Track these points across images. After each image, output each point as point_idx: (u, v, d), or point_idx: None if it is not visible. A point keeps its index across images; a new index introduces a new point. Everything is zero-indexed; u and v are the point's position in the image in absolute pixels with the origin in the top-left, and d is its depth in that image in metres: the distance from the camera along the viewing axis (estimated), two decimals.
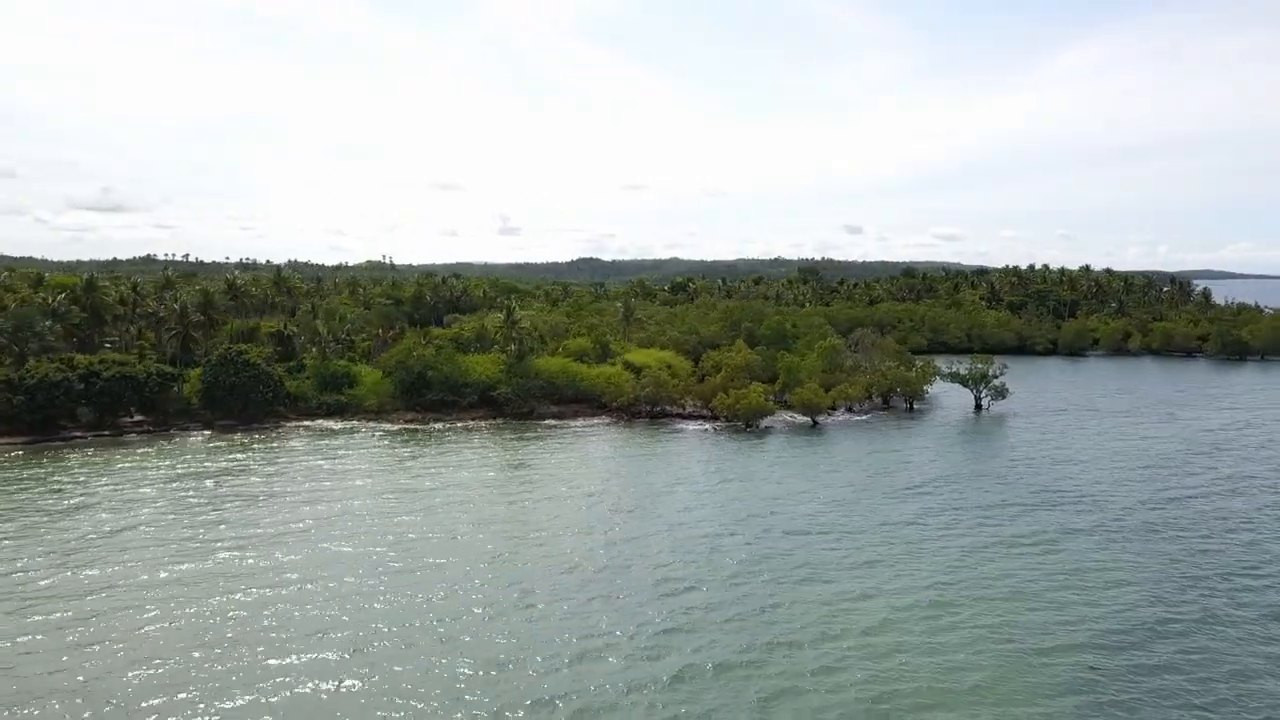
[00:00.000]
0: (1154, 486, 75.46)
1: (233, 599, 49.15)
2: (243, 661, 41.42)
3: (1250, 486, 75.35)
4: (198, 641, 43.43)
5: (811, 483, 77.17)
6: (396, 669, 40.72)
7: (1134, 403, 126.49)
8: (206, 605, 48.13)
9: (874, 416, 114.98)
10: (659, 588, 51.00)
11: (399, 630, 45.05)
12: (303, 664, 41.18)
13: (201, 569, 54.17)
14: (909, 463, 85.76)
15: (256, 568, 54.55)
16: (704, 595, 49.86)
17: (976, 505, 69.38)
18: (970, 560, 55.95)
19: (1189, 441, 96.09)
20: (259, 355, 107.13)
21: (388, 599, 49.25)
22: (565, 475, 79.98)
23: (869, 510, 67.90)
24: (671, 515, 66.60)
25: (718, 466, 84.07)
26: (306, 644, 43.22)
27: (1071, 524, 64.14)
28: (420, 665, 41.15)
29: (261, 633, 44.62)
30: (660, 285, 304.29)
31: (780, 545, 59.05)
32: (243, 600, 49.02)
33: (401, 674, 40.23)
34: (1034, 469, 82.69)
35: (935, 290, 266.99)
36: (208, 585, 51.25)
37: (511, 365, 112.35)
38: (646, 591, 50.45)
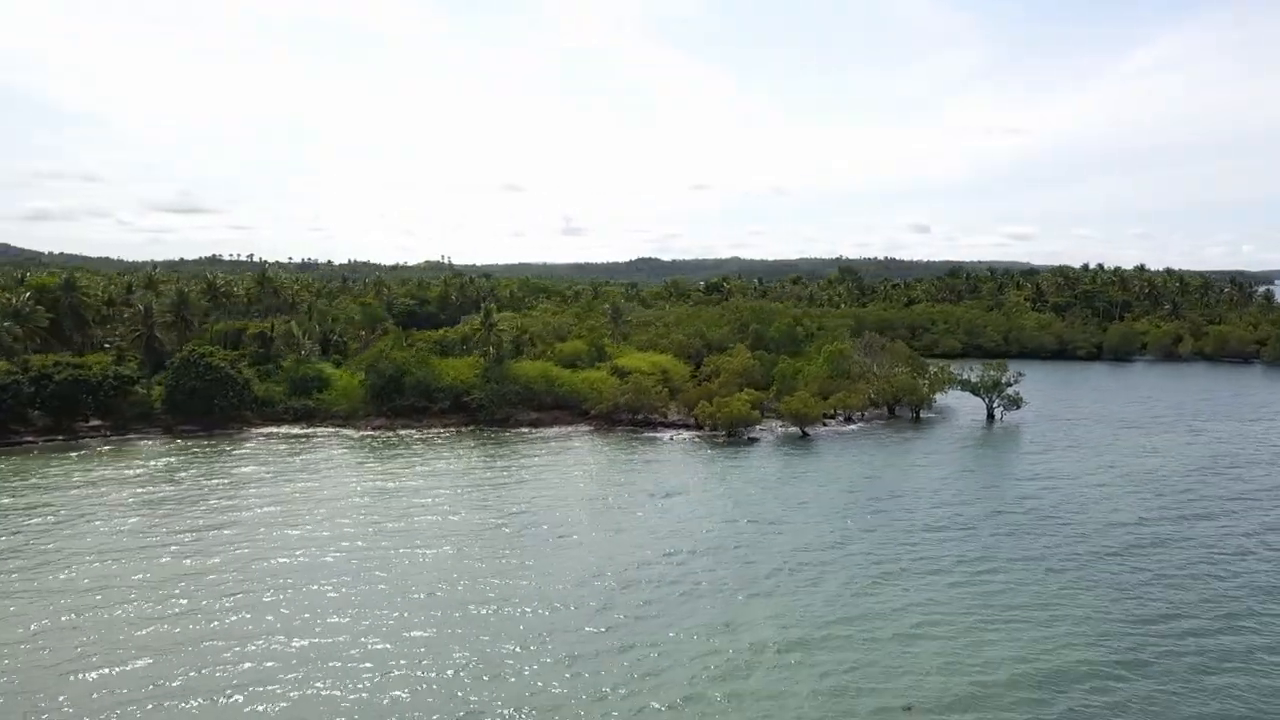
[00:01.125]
0: (1133, 513, 66.95)
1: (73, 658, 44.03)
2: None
3: (1240, 522, 66.58)
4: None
5: (763, 505, 70.08)
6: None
7: (1160, 413, 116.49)
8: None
9: (875, 426, 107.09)
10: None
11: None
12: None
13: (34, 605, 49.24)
14: (877, 478, 77.98)
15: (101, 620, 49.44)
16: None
17: (922, 526, 61.75)
18: (867, 592, 48.58)
19: (1194, 460, 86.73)
20: (224, 358, 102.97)
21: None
22: (495, 500, 73.93)
23: (795, 532, 60.70)
24: (577, 559, 60.16)
25: (681, 483, 77.23)
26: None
27: (1016, 551, 56.25)
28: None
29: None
30: (696, 285, 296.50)
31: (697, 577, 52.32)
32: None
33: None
34: (1011, 487, 74.52)
35: (979, 291, 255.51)
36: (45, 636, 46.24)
37: (488, 369, 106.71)
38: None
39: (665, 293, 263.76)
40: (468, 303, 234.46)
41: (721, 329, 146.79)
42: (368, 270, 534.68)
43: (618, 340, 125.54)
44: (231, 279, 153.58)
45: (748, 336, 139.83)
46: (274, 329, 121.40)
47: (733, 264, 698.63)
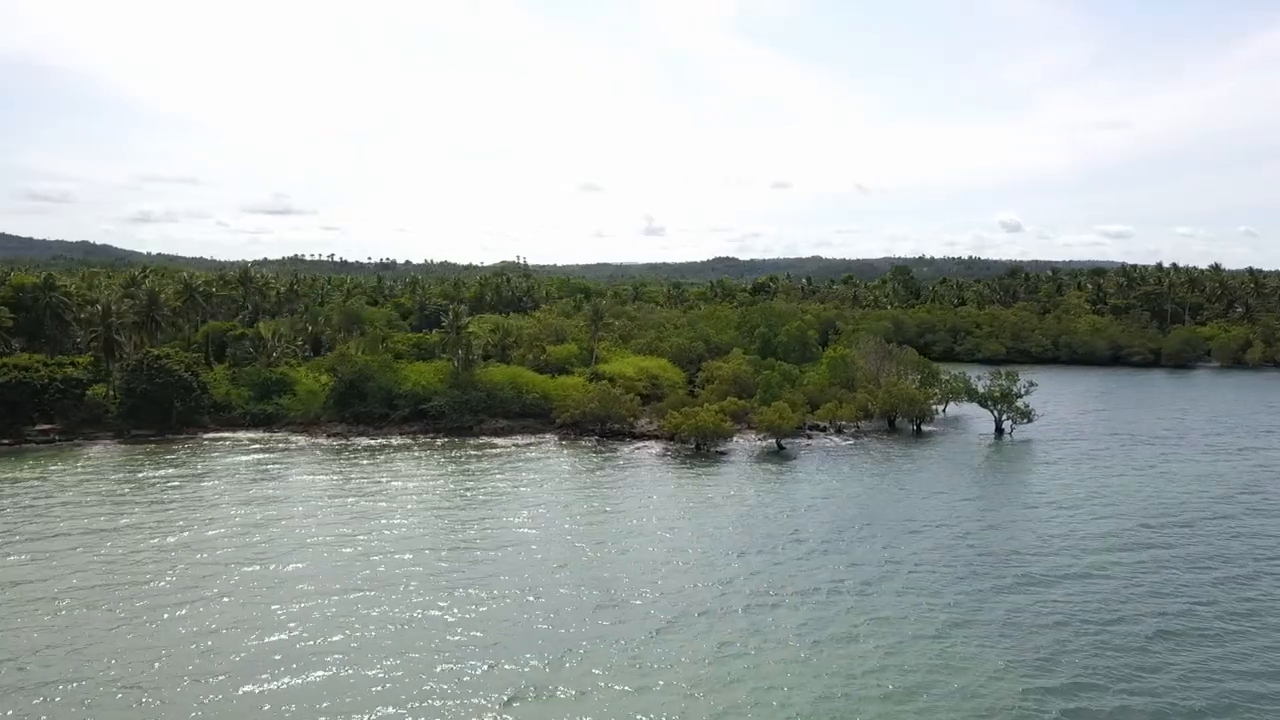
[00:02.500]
0: (1094, 563, 57.28)
1: None
2: None
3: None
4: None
5: (654, 539, 62.33)
6: None
7: (1199, 428, 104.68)
8: None
9: (870, 440, 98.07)
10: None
11: None
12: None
13: None
14: (825, 505, 69.25)
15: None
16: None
17: (849, 561, 53.25)
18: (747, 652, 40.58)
19: (1207, 491, 75.84)
20: (181, 360, 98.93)
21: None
22: (367, 525, 67.53)
23: (672, 577, 52.77)
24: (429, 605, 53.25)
25: (609, 510, 69.90)
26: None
27: (946, 592, 47.50)
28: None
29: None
30: (743, 286, 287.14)
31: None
32: None
33: None
34: (980, 519, 65.20)
35: (1036, 291, 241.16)
36: None
37: (454, 375, 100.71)
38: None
39: (711, 293, 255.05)
40: (502, 302, 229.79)
41: (730, 332, 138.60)
42: (443, 270, 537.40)
43: (597, 343, 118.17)
44: (214, 278, 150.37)
45: (754, 340, 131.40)
46: (259, 330, 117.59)
47: (813, 263, 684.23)
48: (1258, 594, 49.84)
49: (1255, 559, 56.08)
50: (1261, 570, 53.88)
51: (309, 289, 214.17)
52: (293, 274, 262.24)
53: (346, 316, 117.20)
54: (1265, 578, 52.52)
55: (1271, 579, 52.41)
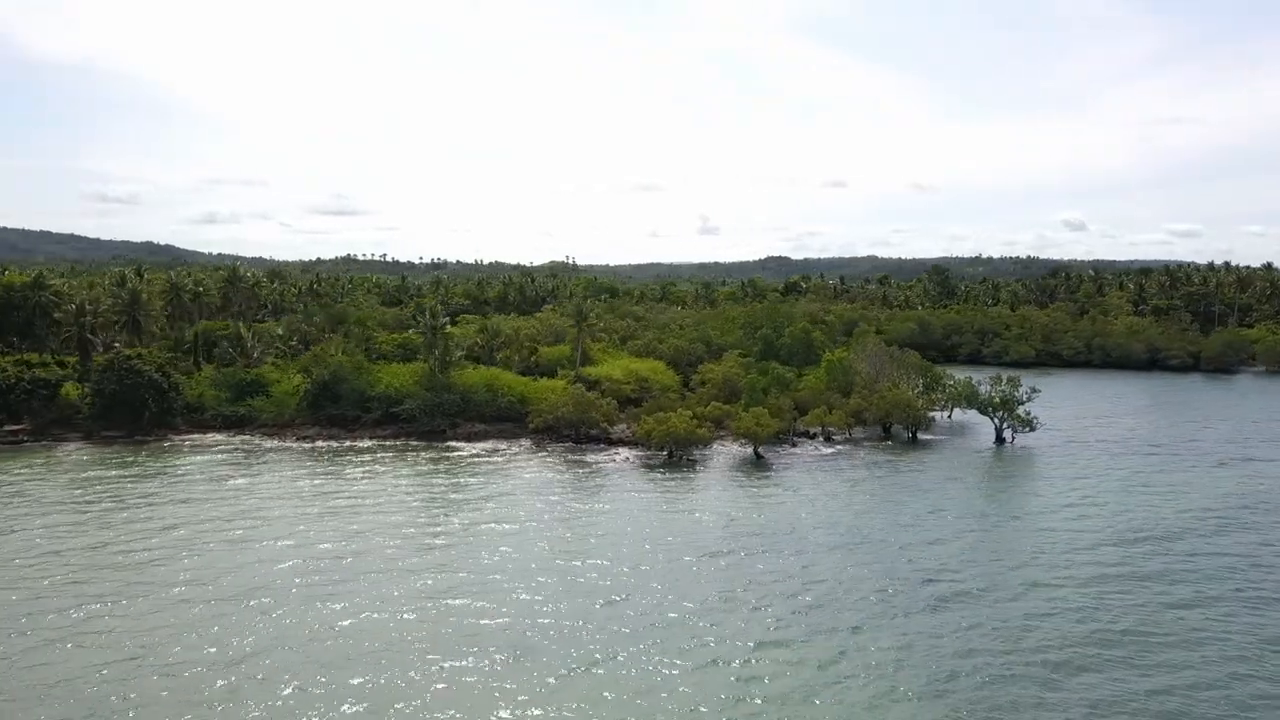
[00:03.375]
0: (1049, 584, 51.56)
1: None
2: None
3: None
4: None
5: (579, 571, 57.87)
6: None
7: (1226, 438, 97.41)
8: None
9: (861, 448, 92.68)
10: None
11: None
12: None
13: None
14: (785, 509, 64.17)
15: None
16: None
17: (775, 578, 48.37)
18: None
19: (1211, 509, 69.25)
20: (153, 361, 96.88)
21: None
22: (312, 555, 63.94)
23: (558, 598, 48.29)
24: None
25: (524, 529, 65.72)
26: None
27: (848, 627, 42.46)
28: None
29: None
30: (775, 285, 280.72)
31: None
32: None
33: None
34: (928, 535, 59.65)
35: (1076, 292, 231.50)
36: None
37: (428, 377, 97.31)
38: None
39: (736, 293, 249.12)
40: (525, 302, 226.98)
41: (735, 334, 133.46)
42: (490, 270, 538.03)
43: (582, 344, 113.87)
44: (196, 278, 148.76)
45: (756, 342, 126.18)
46: (248, 329, 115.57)
47: (868, 263, 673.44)
48: (1211, 617, 44.03)
49: (1224, 582, 50.08)
50: (1229, 596, 47.91)
51: (330, 288, 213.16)
52: (315, 274, 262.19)
53: (330, 317, 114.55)
54: (1234, 605, 46.60)
55: (1238, 603, 46.52)
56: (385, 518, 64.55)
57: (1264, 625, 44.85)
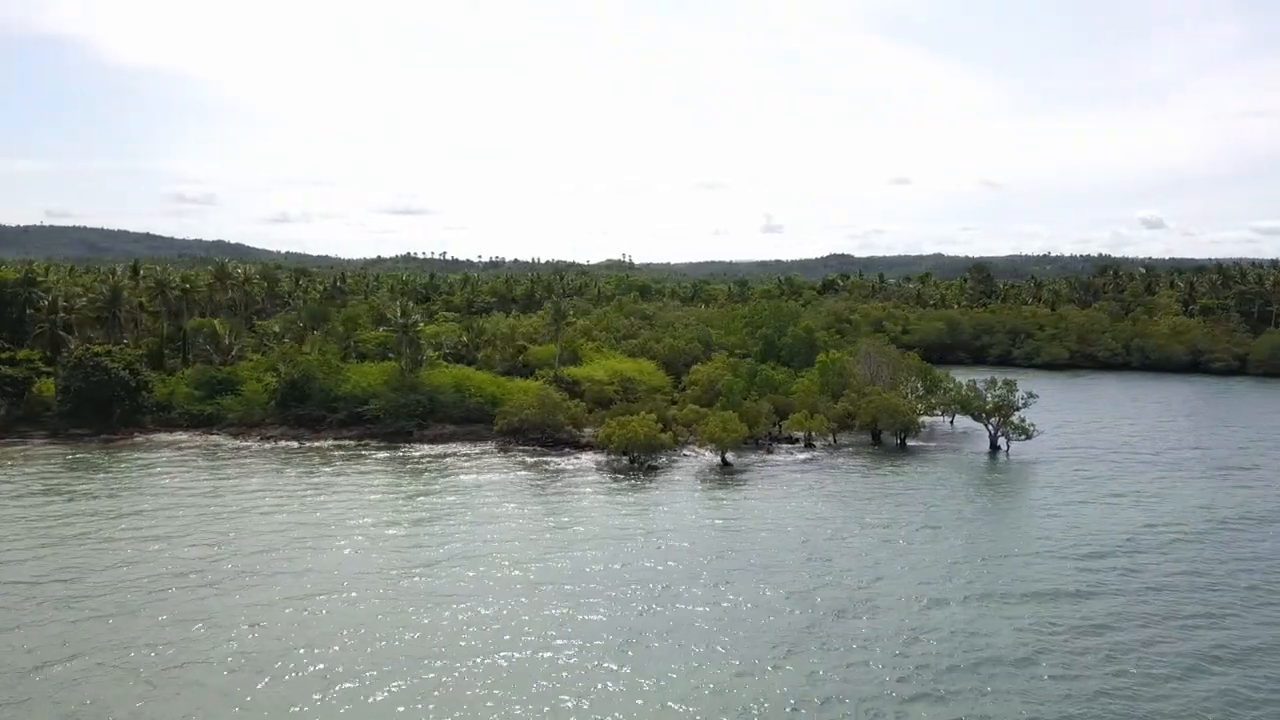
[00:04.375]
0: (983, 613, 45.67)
1: None
2: None
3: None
4: None
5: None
6: None
7: (1242, 446, 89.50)
8: None
9: (842, 454, 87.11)
10: None
11: None
12: None
13: None
14: (718, 524, 58.99)
15: None
16: None
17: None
18: None
19: (1198, 523, 62.31)
20: (121, 358, 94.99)
21: None
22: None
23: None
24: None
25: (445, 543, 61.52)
26: None
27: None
28: None
29: None
30: (810, 283, 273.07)
31: None
32: None
33: None
34: (858, 560, 53.96)
35: (1123, 290, 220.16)
36: None
37: (395, 377, 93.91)
38: None
39: (771, 291, 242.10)
40: (551, 298, 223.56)
41: (738, 333, 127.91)
42: (545, 268, 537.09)
43: (561, 343, 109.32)
44: (191, 274, 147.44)
45: (757, 341, 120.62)
46: (215, 328, 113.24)
47: (933, 261, 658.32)
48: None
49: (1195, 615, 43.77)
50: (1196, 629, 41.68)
51: (357, 285, 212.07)
52: (339, 271, 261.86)
53: (311, 315, 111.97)
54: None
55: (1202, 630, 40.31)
56: (263, 519, 61.02)
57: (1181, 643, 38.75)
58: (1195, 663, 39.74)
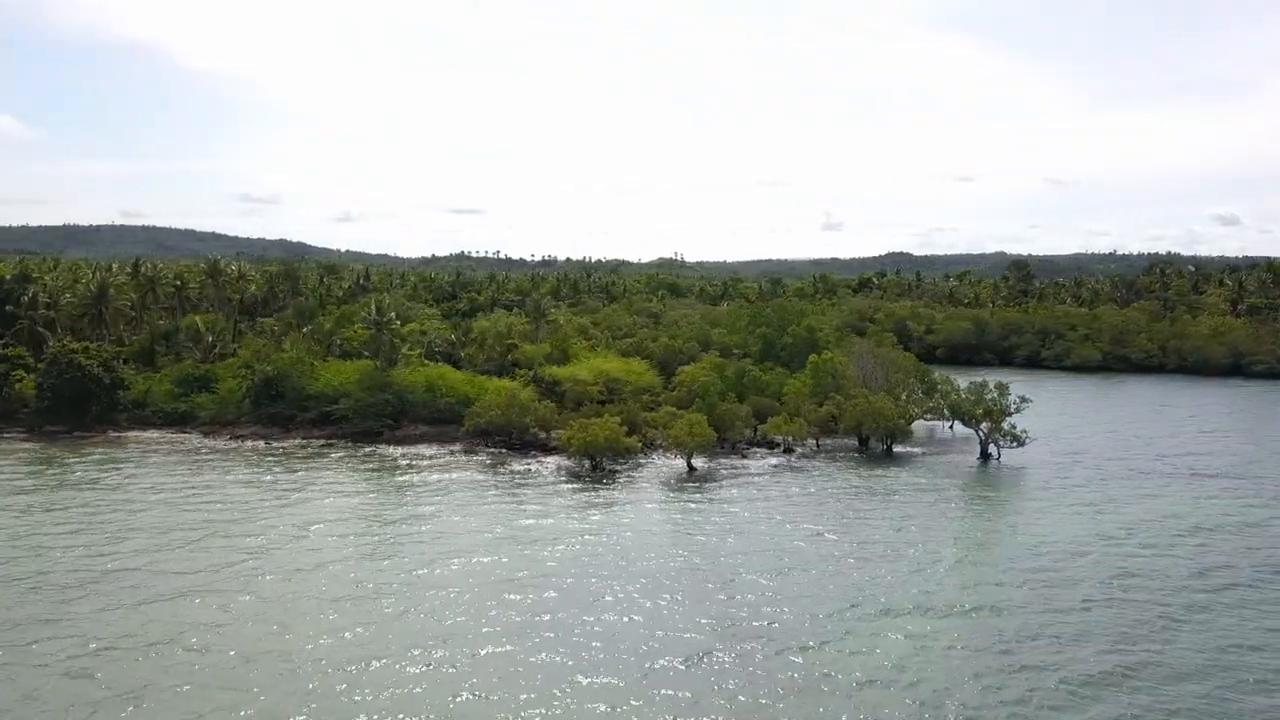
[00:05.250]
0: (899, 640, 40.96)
1: None
2: None
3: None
4: None
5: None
6: None
7: (1235, 456, 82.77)
8: None
9: (822, 460, 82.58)
10: None
11: None
12: None
13: None
14: (647, 539, 54.83)
15: None
16: None
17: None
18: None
19: (1177, 542, 56.55)
20: (96, 355, 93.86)
21: None
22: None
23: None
24: None
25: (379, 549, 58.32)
26: None
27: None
28: None
29: None
30: (847, 280, 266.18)
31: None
32: None
33: None
34: (780, 577, 49.42)
35: (1168, 289, 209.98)
36: None
37: (367, 377, 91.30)
38: None
39: (805, 288, 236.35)
40: (579, 296, 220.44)
41: (740, 332, 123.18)
42: (594, 266, 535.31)
43: (539, 342, 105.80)
44: (183, 271, 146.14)
45: (755, 341, 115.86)
46: (196, 325, 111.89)
47: (996, 259, 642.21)
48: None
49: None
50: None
51: (381, 283, 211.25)
52: (364, 268, 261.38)
53: (299, 312, 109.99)
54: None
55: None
56: (159, 517, 58.42)
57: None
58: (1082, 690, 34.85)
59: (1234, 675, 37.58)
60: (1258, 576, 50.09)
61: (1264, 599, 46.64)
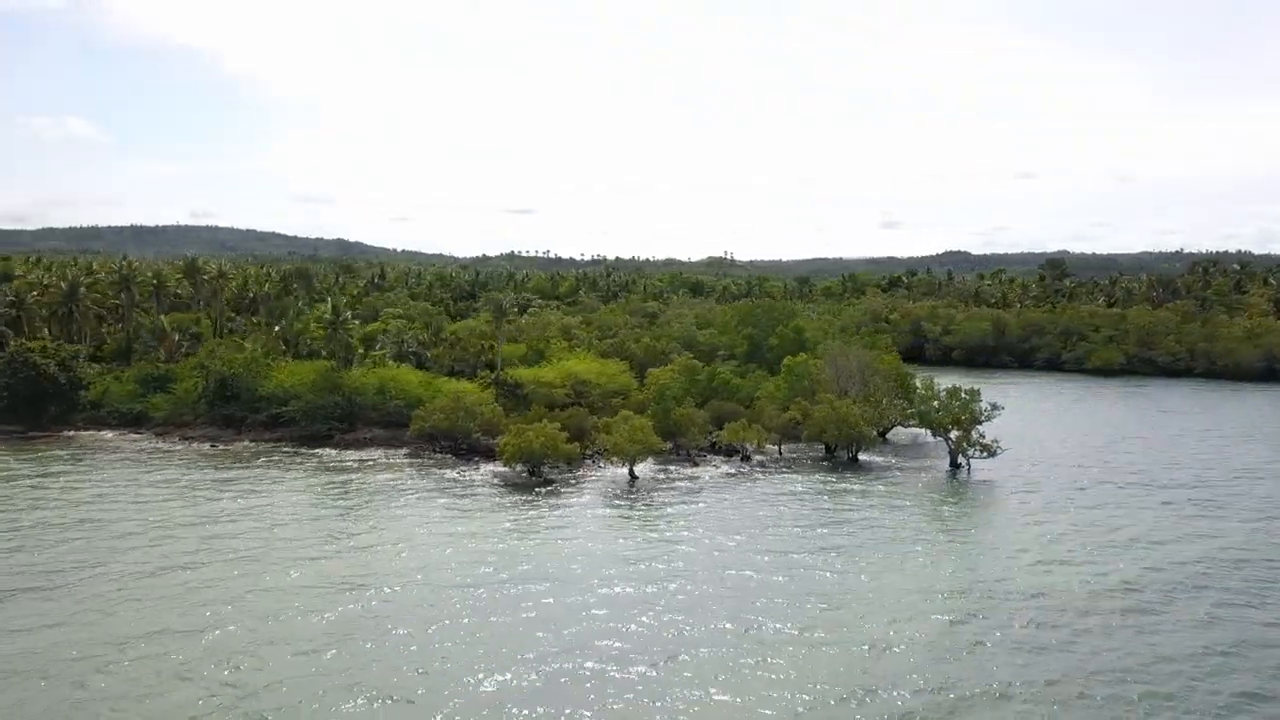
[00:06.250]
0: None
1: None
2: None
3: None
4: None
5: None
6: None
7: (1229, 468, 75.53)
8: None
9: (780, 468, 77.47)
10: None
11: None
12: None
13: None
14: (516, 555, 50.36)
15: None
16: None
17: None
18: None
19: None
20: (53, 355, 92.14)
21: None
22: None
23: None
24: None
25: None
26: None
27: None
28: None
29: None
30: (878, 280, 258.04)
31: None
32: None
33: None
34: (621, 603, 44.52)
35: (1208, 288, 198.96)
36: None
37: (319, 378, 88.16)
38: None
39: (834, 288, 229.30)
40: (600, 295, 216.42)
41: (731, 332, 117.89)
42: (644, 266, 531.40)
43: (500, 343, 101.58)
44: (165, 269, 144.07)
45: (740, 343, 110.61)
46: (162, 323, 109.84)
47: (1058, 257, 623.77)
48: None
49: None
50: None
51: (398, 281, 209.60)
52: (380, 267, 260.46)
53: (270, 311, 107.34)
54: None
55: None
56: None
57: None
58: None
59: None
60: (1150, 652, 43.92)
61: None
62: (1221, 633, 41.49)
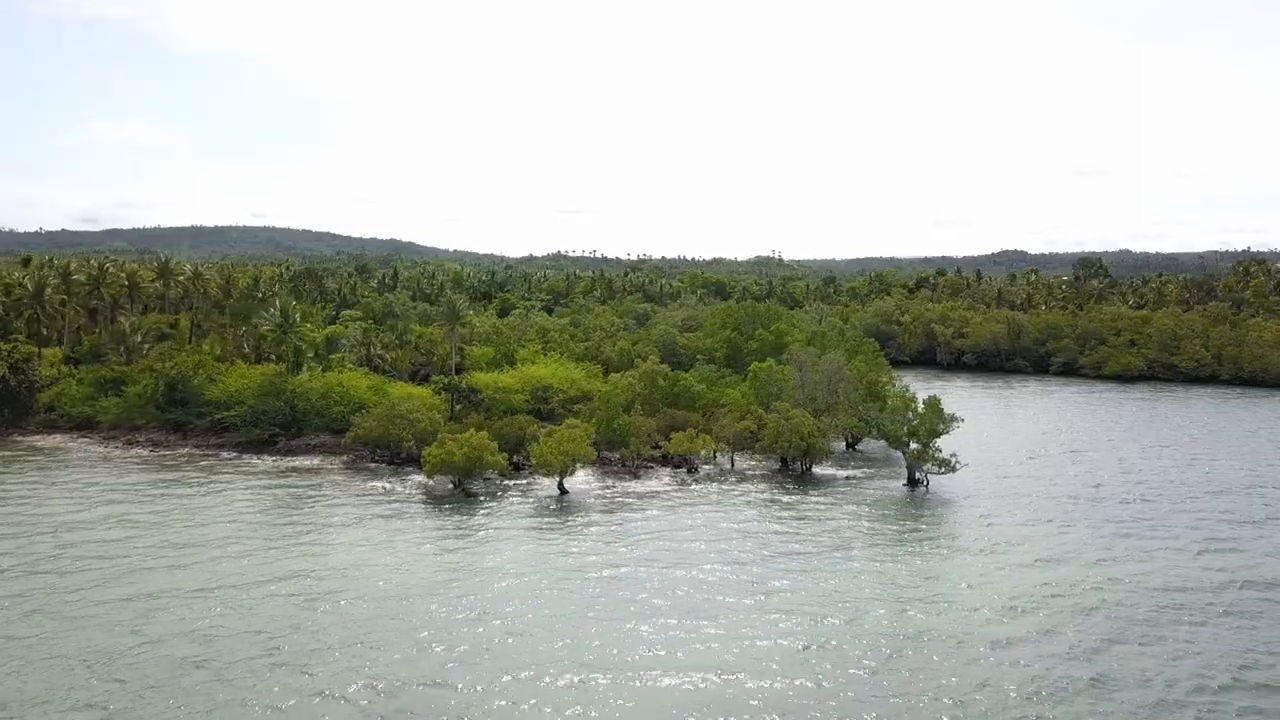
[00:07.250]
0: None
1: None
2: None
3: None
4: None
5: None
6: None
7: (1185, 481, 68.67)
8: None
9: (725, 481, 72.56)
10: None
11: None
12: None
13: None
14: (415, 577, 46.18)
15: None
16: None
17: None
18: None
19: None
20: (11, 357, 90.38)
21: None
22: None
23: None
24: None
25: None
26: None
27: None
28: None
29: None
30: (904, 279, 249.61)
31: None
32: None
33: None
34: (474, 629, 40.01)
35: (1243, 289, 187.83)
36: None
37: (270, 381, 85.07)
38: None
39: (860, 288, 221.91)
40: (613, 296, 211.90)
41: (716, 335, 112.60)
42: (687, 265, 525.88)
43: (454, 346, 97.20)
44: (135, 268, 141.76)
45: (721, 346, 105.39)
46: (121, 325, 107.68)
47: (1117, 257, 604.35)
48: None
49: None
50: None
51: (410, 280, 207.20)
52: (391, 266, 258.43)
53: (234, 313, 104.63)
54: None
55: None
56: None
57: None
58: None
59: None
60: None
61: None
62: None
